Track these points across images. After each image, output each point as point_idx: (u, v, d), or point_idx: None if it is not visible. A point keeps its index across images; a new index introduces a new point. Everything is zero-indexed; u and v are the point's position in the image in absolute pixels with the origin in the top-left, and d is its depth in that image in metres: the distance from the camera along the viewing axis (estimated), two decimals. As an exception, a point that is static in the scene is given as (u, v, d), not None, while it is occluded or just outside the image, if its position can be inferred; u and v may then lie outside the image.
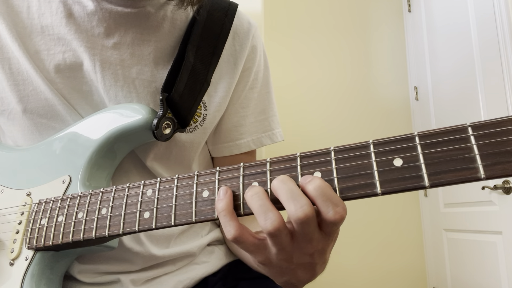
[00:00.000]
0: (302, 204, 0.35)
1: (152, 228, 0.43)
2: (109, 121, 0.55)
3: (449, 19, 2.14)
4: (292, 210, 0.35)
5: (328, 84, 2.42)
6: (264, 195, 0.37)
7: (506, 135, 0.30)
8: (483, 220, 1.84)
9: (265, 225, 0.36)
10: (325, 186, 0.35)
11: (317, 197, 0.35)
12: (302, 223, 0.35)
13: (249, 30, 0.67)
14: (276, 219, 0.36)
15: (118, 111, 0.55)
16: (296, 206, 0.35)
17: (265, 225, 0.36)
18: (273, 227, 0.36)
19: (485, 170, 0.30)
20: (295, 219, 0.35)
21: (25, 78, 0.57)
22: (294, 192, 0.35)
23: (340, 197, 0.35)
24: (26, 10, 0.59)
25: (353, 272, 2.25)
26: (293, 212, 0.35)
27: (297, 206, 0.35)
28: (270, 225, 0.36)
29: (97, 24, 0.57)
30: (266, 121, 0.70)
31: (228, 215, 0.38)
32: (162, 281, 0.62)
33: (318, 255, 0.40)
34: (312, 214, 0.35)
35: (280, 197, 0.36)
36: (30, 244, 0.52)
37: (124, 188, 0.47)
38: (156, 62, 0.59)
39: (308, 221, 0.35)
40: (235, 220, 0.38)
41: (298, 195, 0.35)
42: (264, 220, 0.36)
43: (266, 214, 0.36)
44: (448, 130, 0.33)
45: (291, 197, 0.35)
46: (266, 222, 0.36)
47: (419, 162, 0.33)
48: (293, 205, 0.35)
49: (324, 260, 0.42)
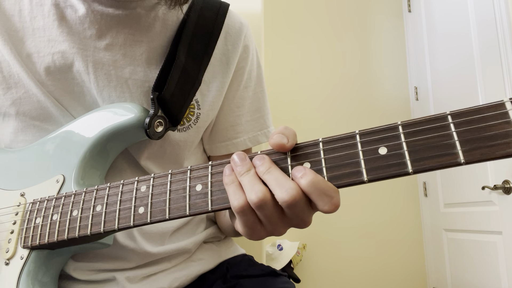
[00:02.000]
0: (287, 188, 0.36)
1: (147, 222, 0.44)
2: (102, 120, 0.55)
3: (449, 19, 2.14)
4: (278, 195, 0.36)
5: (328, 84, 2.43)
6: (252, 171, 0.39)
7: (483, 121, 0.32)
8: (483, 220, 1.84)
9: (250, 197, 0.37)
10: (318, 180, 0.36)
11: (312, 193, 0.36)
12: (290, 206, 0.36)
13: (241, 30, 0.68)
14: (263, 190, 0.37)
15: (111, 110, 0.56)
16: (281, 190, 0.36)
17: (250, 197, 0.37)
18: (259, 199, 0.37)
19: (465, 156, 0.32)
20: (282, 202, 0.36)
21: (17, 81, 0.57)
22: (279, 178, 0.37)
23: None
24: (18, 14, 0.59)
25: (353, 272, 2.25)
26: (279, 196, 0.36)
27: (282, 190, 0.36)
28: (255, 196, 0.37)
29: (89, 26, 0.58)
30: (262, 119, 0.71)
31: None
32: (157, 278, 0.62)
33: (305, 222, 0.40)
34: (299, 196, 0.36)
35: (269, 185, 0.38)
36: (25, 243, 0.52)
37: (118, 185, 0.48)
38: (148, 62, 0.60)
39: (295, 204, 0.36)
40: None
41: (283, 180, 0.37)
42: (250, 192, 0.38)
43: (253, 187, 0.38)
44: (429, 118, 0.34)
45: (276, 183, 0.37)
46: (251, 193, 0.37)
47: (403, 150, 0.34)
48: (278, 189, 0.36)
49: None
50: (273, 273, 0.67)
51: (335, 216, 2.20)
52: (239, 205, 0.38)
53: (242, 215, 0.39)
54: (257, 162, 0.39)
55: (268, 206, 0.37)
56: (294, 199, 0.36)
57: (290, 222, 0.39)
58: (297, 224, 0.39)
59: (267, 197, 0.37)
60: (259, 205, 0.37)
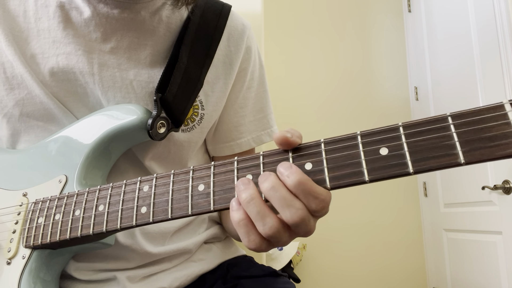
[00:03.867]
0: (297, 209, 0.36)
1: (149, 222, 0.44)
2: (105, 121, 0.55)
3: (449, 19, 2.15)
4: (288, 217, 0.36)
5: (328, 84, 2.43)
6: (259, 200, 0.38)
7: (483, 123, 0.32)
8: (483, 220, 1.84)
9: (264, 230, 0.37)
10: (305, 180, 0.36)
11: (298, 194, 0.36)
12: (299, 225, 0.37)
13: (243, 31, 0.68)
14: (274, 223, 0.37)
15: (113, 112, 0.56)
16: (291, 212, 0.36)
17: (264, 230, 0.37)
18: (272, 232, 0.37)
19: (465, 156, 0.32)
20: (292, 224, 0.37)
21: (20, 82, 0.57)
22: (287, 199, 0.37)
23: (330, 185, 0.37)
24: (23, 14, 0.59)
25: (353, 272, 2.25)
26: (289, 219, 0.36)
27: (292, 211, 0.36)
28: (269, 229, 0.37)
29: (94, 29, 0.58)
30: (265, 119, 0.72)
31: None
32: (158, 278, 0.62)
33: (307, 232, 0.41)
34: (306, 215, 0.36)
35: (274, 204, 0.37)
36: (27, 242, 0.52)
37: (121, 185, 0.48)
38: (152, 65, 0.60)
39: (304, 222, 0.37)
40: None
41: (291, 201, 0.36)
42: (262, 226, 0.37)
43: (264, 220, 0.37)
44: (429, 119, 0.35)
45: (284, 204, 0.36)
46: (265, 227, 0.37)
47: (404, 150, 0.35)
48: (288, 212, 0.36)
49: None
50: (274, 274, 0.68)
51: (335, 216, 2.21)
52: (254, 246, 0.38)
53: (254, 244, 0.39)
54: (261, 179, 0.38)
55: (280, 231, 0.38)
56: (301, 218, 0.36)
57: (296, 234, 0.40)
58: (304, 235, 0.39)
59: (279, 226, 0.37)
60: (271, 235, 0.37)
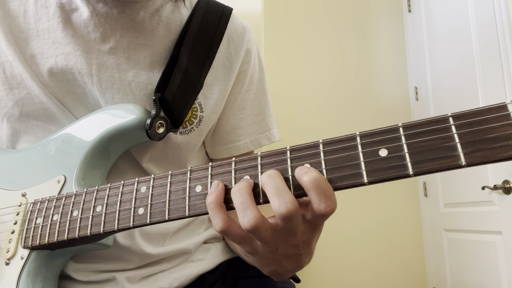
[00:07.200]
0: (286, 201, 0.36)
1: (146, 223, 0.44)
2: (103, 121, 0.55)
3: (449, 19, 2.14)
4: (276, 206, 0.36)
5: (328, 84, 2.43)
6: (246, 191, 0.38)
7: (485, 124, 0.32)
8: (483, 220, 1.84)
9: (243, 222, 0.37)
10: (321, 178, 0.36)
11: (311, 189, 0.36)
12: (285, 218, 0.36)
13: (243, 34, 0.68)
14: (254, 217, 0.37)
15: (112, 112, 0.56)
16: (280, 203, 0.36)
17: (243, 222, 0.37)
18: (249, 225, 0.37)
19: (466, 158, 0.32)
20: (278, 215, 0.36)
21: (19, 82, 0.57)
22: (280, 188, 0.36)
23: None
24: (23, 15, 0.59)
25: (353, 272, 2.25)
26: (277, 208, 0.36)
27: (281, 202, 0.36)
28: (247, 222, 0.37)
29: (93, 29, 0.58)
30: (263, 122, 0.72)
31: (216, 208, 0.39)
32: (157, 279, 0.62)
33: (303, 246, 0.41)
34: (295, 210, 0.36)
35: (266, 191, 0.37)
36: (25, 243, 0.52)
37: (118, 186, 0.48)
38: (151, 66, 0.60)
39: (291, 217, 0.36)
40: (223, 213, 0.39)
41: (283, 192, 0.36)
42: (242, 217, 0.37)
43: (244, 212, 0.37)
44: (430, 120, 0.34)
45: (276, 193, 0.36)
46: (243, 219, 0.37)
47: (403, 152, 0.34)
48: (277, 201, 0.36)
49: (310, 251, 0.43)
50: None
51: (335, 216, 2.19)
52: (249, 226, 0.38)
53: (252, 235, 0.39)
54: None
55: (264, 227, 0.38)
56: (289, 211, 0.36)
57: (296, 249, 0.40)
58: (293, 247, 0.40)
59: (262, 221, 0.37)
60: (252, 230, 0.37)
